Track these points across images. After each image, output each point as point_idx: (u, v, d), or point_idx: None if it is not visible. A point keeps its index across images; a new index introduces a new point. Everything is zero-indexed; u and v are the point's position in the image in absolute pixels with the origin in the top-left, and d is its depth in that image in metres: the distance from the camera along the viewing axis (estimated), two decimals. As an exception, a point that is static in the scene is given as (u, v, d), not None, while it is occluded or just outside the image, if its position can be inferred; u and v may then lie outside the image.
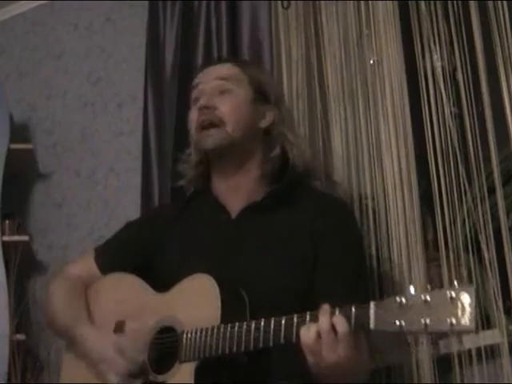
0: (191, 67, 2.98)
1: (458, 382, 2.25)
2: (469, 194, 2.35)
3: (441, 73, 2.50)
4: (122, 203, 3.28)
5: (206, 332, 1.84)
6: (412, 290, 1.54)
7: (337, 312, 1.65)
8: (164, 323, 1.97)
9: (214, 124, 2.10)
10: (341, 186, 2.64)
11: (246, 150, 2.13)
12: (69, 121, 3.50)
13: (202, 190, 2.22)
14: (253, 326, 1.78)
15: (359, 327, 1.61)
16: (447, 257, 2.35)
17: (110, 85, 3.46)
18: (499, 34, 2.38)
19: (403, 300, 1.53)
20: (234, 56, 2.87)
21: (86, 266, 2.25)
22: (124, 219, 3.17)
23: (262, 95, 2.18)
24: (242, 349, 1.79)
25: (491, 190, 2.33)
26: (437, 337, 1.53)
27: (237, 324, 1.80)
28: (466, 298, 1.46)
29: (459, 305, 1.46)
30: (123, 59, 3.46)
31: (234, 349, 1.79)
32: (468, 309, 1.45)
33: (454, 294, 1.47)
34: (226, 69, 2.20)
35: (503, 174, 2.34)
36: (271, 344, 1.75)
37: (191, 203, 2.24)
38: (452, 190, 2.38)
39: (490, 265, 2.26)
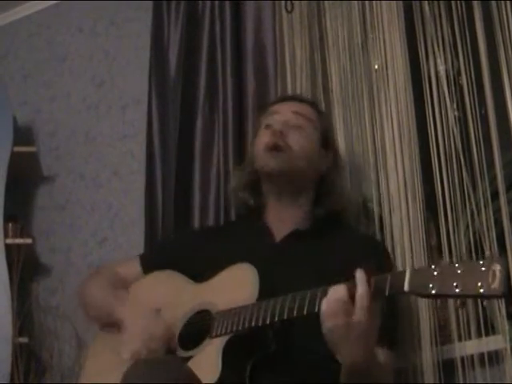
0: (195, 70, 2.98)
1: (461, 385, 2.26)
2: (472, 199, 2.34)
3: (444, 76, 2.49)
4: (125, 206, 3.28)
5: (240, 309, 1.92)
6: (446, 261, 1.61)
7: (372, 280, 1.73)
8: (200, 307, 2.05)
9: (281, 148, 2.22)
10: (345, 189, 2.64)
11: (303, 184, 2.27)
12: (72, 123, 3.49)
13: (249, 214, 2.34)
14: (280, 298, 1.85)
15: (394, 290, 1.68)
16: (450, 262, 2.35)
17: (114, 87, 3.46)
18: (503, 37, 2.38)
19: (438, 268, 1.61)
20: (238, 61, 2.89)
21: (128, 264, 2.38)
22: (127, 222, 3.23)
23: (326, 141, 2.34)
24: (268, 321, 1.85)
25: (495, 195, 2.32)
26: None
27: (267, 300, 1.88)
28: (497, 267, 1.53)
29: (490, 272, 1.52)
30: (127, 62, 3.45)
31: (260, 322, 1.86)
32: (498, 275, 1.51)
33: (486, 263, 1.54)
34: (303, 107, 2.34)
35: (507, 178, 2.33)
36: (295, 313, 1.81)
37: (237, 224, 2.42)
38: (455, 195, 2.38)
39: (494, 270, 2.25)
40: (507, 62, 2.36)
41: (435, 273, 1.60)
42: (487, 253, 1.55)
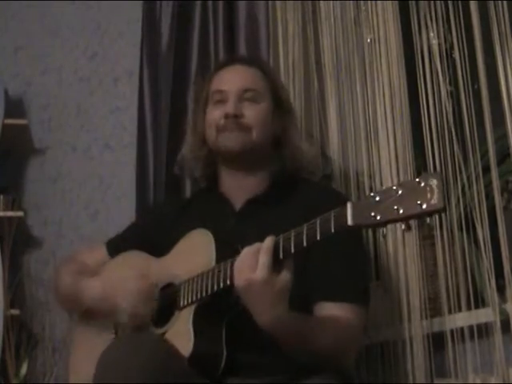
0: (187, 43, 2.97)
1: (451, 358, 2.26)
2: (463, 173, 2.34)
3: (437, 50, 2.49)
4: (116, 179, 3.29)
5: (202, 276, 1.92)
6: (383, 187, 1.60)
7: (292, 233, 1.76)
8: (164, 281, 2.06)
9: (240, 129, 2.17)
10: (336, 162, 2.64)
11: (260, 155, 2.20)
12: (64, 96, 3.49)
13: (206, 185, 2.32)
14: (232, 260, 1.85)
15: (339, 226, 1.66)
16: (441, 235, 2.36)
17: (106, 60, 3.46)
18: (496, 12, 2.36)
19: (377, 196, 1.60)
20: (234, 49, 2.87)
21: (94, 252, 2.35)
22: (119, 195, 3.23)
23: (278, 104, 2.26)
24: (226, 283, 1.85)
25: (486, 169, 2.32)
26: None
27: (224, 262, 1.88)
28: (433, 182, 1.52)
29: (428, 189, 1.52)
30: (119, 34, 3.45)
31: (222, 283, 1.86)
32: (436, 190, 1.51)
33: (422, 181, 1.53)
34: (251, 76, 2.25)
35: (498, 152, 2.33)
36: None
37: (197, 197, 2.35)
38: (447, 169, 2.38)
39: (484, 244, 2.26)
40: (500, 37, 2.35)
41: (376, 200, 1.59)
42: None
